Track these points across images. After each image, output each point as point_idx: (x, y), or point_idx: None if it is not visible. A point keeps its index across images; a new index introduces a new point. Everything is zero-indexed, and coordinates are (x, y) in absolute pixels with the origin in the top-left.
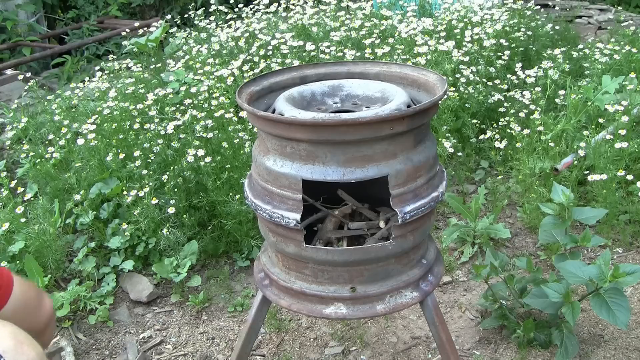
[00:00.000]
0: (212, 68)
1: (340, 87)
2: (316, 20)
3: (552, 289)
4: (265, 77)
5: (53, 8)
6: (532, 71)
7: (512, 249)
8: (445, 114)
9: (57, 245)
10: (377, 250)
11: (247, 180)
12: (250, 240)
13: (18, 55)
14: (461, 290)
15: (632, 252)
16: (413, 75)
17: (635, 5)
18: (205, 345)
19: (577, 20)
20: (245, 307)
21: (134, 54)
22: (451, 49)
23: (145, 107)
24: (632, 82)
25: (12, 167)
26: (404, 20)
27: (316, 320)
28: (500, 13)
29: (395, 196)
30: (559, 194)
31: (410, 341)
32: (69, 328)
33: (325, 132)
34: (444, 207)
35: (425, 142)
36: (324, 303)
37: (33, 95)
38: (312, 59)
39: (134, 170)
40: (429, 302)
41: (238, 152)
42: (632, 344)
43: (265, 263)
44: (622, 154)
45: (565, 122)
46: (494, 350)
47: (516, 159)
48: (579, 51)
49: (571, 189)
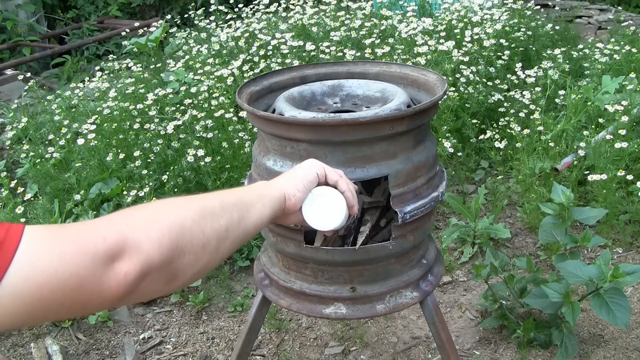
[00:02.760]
0: (212, 68)
1: (340, 87)
2: (316, 20)
3: (552, 289)
4: (265, 77)
5: (53, 8)
6: (532, 71)
7: (512, 249)
8: (445, 114)
9: None
10: (377, 250)
11: (247, 181)
12: (250, 240)
13: (18, 55)
14: (461, 290)
15: (632, 252)
16: (413, 75)
17: (635, 5)
18: (205, 345)
19: (577, 20)
20: (245, 307)
21: (134, 54)
22: (451, 49)
23: (145, 107)
24: (632, 82)
25: (12, 167)
26: (404, 20)
27: (316, 320)
28: (500, 13)
29: (395, 196)
30: (559, 194)
31: (410, 341)
32: (69, 328)
33: (325, 132)
34: (444, 207)
35: (425, 142)
36: (324, 303)
37: (33, 95)
38: (312, 59)
39: (134, 170)
40: (429, 302)
41: (238, 152)
42: (632, 344)
43: (265, 263)
44: (622, 154)
45: (565, 122)
46: (494, 350)
47: (516, 159)
48: (579, 51)
49: (571, 189)
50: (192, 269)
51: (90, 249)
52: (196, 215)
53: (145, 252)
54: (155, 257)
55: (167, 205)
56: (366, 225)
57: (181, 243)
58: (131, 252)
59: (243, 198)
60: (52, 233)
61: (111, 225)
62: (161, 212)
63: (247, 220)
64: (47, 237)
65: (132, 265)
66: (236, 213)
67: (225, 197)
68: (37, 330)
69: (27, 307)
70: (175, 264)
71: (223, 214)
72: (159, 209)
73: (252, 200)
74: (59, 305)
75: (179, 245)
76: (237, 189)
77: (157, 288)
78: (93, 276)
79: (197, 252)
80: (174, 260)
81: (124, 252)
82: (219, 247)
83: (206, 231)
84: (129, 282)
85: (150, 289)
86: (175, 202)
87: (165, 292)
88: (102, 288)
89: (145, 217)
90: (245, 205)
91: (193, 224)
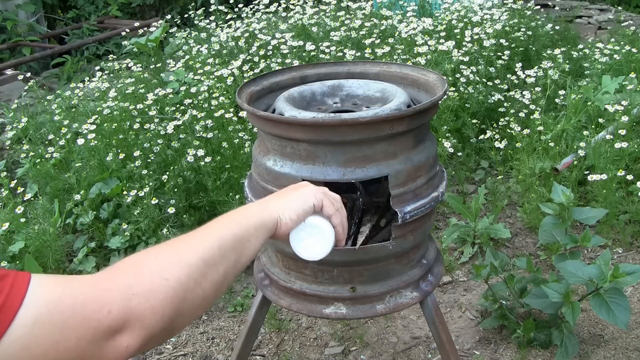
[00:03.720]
0: (212, 68)
1: (340, 87)
2: (316, 20)
3: (552, 289)
4: (265, 77)
5: (53, 8)
6: (532, 71)
7: (512, 249)
8: (445, 114)
9: (57, 245)
10: (377, 250)
11: (247, 181)
12: None
13: (18, 55)
14: (461, 290)
15: (632, 252)
16: (413, 75)
17: (635, 5)
18: (205, 345)
19: (577, 20)
20: (245, 307)
21: (134, 54)
22: (451, 49)
23: (145, 107)
24: (632, 82)
25: (12, 167)
26: (404, 20)
27: (316, 320)
28: (500, 13)
29: (395, 196)
30: (559, 194)
31: (410, 341)
32: None
33: (325, 132)
34: (444, 207)
35: (425, 142)
36: (324, 303)
37: (33, 95)
38: (312, 59)
39: (134, 170)
40: (429, 302)
41: (238, 152)
42: (632, 344)
43: (265, 263)
44: (622, 154)
45: (565, 122)
46: (494, 350)
47: (516, 159)
48: (579, 51)
49: (571, 189)
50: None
51: (94, 324)
52: (198, 273)
53: (148, 325)
54: (157, 327)
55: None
56: (366, 225)
57: (182, 307)
58: (134, 326)
59: (240, 234)
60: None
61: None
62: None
63: (243, 258)
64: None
65: (134, 339)
66: (234, 255)
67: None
68: None
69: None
70: (174, 325)
71: (222, 261)
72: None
73: (249, 235)
74: None
75: (180, 310)
76: (235, 217)
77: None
78: (93, 350)
79: (196, 309)
80: (173, 323)
81: (127, 325)
82: (215, 295)
83: (206, 288)
84: (129, 353)
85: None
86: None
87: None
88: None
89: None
90: (242, 244)
91: (195, 285)
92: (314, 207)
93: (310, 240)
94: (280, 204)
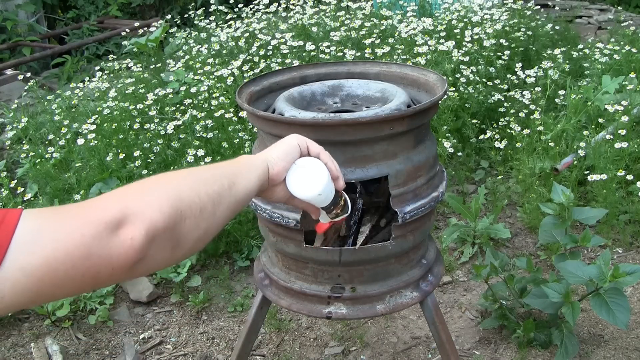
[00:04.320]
0: (212, 68)
1: (340, 87)
2: (316, 20)
3: (552, 289)
4: (265, 77)
5: (53, 8)
6: (532, 71)
7: (512, 249)
8: (445, 114)
9: None
10: (377, 250)
11: None
12: (250, 240)
13: (18, 55)
14: (461, 290)
15: (632, 252)
16: (413, 75)
17: (635, 5)
18: (205, 345)
19: (577, 20)
20: (245, 307)
21: (134, 54)
22: (451, 49)
23: (145, 107)
24: (632, 82)
25: (12, 167)
26: (404, 20)
27: (316, 320)
28: (500, 13)
29: (395, 196)
30: (559, 194)
31: (410, 341)
32: (69, 328)
33: (325, 132)
34: (444, 207)
35: (425, 142)
36: (324, 303)
37: (33, 95)
38: (312, 59)
39: (134, 170)
40: (429, 302)
41: (238, 152)
42: (632, 344)
43: (265, 263)
44: (622, 154)
45: (565, 122)
46: (494, 350)
47: (516, 159)
48: (579, 51)
49: (571, 189)
50: (194, 234)
51: (93, 219)
52: (190, 182)
53: (149, 216)
54: (159, 220)
55: (160, 178)
56: (366, 225)
57: (180, 207)
58: (134, 218)
59: (230, 168)
60: (52, 209)
61: (110, 197)
62: (156, 183)
63: (237, 186)
64: (47, 212)
65: (137, 230)
66: (226, 180)
67: (212, 168)
68: (37, 330)
69: (36, 282)
70: (178, 229)
71: (214, 181)
72: (153, 181)
73: (239, 168)
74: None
75: (179, 209)
76: (222, 162)
77: (164, 255)
78: (99, 244)
79: (196, 216)
80: (177, 224)
81: (126, 219)
82: (215, 211)
83: (201, 196)
84: (136, 247)
85: (159, 256)
86: (167, 174)
87: (172, 260)
88: (111, 255)
89: (141, 189)
90: (233, 173)
91: (188, 190)
92: (299, 148)
93: (307, 179)
94: (266, 151)
